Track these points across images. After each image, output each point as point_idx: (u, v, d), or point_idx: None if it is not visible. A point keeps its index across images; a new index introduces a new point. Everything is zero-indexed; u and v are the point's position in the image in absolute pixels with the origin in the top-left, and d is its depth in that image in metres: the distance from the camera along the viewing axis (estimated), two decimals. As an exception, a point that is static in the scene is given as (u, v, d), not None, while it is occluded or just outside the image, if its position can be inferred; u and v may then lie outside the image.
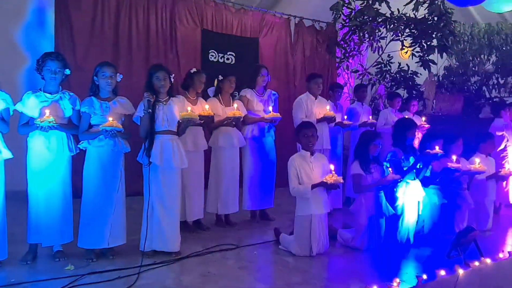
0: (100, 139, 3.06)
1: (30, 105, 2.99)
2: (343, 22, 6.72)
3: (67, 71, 3.11)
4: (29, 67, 4.71)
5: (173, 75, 3.31)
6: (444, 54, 6.69)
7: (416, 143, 4.31)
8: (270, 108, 4.25)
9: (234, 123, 4.00)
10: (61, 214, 3.08)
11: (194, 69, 3.90)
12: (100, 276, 2.80)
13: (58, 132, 3.04)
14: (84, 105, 3.10)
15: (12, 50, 4.94)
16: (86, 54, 5.14)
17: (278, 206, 4.60)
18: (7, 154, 2.95)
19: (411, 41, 6.56)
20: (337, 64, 7.18)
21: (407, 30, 6.55)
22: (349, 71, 7.11)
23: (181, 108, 3.31)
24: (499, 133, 5.21)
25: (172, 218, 3.23)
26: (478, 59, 7.73)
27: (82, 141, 3.11)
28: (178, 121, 3.27)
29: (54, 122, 2.91)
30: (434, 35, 6.41)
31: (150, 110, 3.13)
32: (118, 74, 3.19)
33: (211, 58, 6.16)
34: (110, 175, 3.11)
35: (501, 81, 7.76)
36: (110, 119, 2.98)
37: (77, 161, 3.25)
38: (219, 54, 6.24)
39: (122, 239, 3.21)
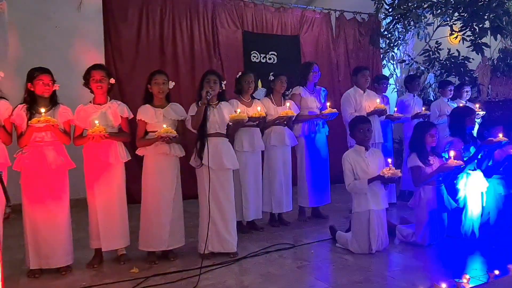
0: (156, 145, 3.16)
1: (82, 117, 3.13)
2: (386, 12, 6.51)
3: (112, 80, 3.22)
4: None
5: (225, 81, 3.38)
6: (499, 35, 6.28)
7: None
8: (328, 104, 4.23)
9: (285, 122, 4.01)
10: (118, 219, 3.20)
11: (240, 73, 3.95)
12: (163, 278, 2.88)
13: (110, 141, 3.14)
14: (139, 113, 3.21)
15: (66, 66, 5.15)
16: (134, 65, 5.32)
17: (330, 204, 4.53)
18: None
19: (461, 25, 6.20)
20: (381, 55, 6.96)
21: (456, 14, 6.20)
22: (394, 62, 6.87)
23: (230, 111, 3.38)
24: None
25: (228, 219, 3.27)
26: (537, 38, 7.17)
27: (139, 148, 3.22)
28: (228, 123, 3.33)
29: (104, 131, 3.01)
30: (486, 17, 6.02)
31: (210, 93, 3.14)
32: (170, 81, 3.29)
33: (253, 59, 6.17)
34: (167, 179, 3.20)
35: None
36: (165, 125, 3.08)
37: (131, 168, 3.37)
38: (261, 55, 6.23)
39: (181, 241, 3.30)
